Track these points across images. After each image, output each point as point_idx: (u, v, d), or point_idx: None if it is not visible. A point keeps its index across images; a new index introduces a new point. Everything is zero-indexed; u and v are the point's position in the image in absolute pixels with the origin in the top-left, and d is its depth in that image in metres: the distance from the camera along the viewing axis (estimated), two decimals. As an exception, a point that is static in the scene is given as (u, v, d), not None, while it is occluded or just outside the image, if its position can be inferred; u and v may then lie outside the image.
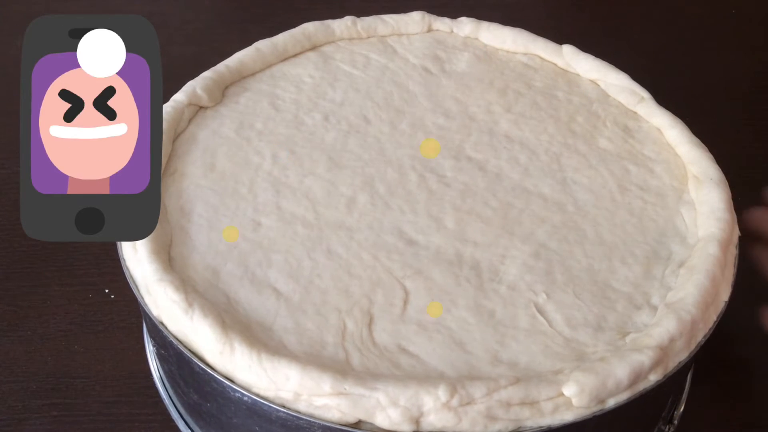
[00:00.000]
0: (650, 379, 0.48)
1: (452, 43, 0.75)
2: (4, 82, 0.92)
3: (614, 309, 0.52)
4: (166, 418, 0.61)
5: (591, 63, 0.71)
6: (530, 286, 0.53)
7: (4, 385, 0.65)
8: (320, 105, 0.67)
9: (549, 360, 0.49)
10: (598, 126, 0.66)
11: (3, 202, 0.81)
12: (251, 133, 0.64)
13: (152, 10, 1.08)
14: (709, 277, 0.52)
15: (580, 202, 0.60)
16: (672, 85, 0.85)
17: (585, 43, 0.74)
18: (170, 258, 0.53)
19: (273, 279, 0.53)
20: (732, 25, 1.12)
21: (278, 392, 0.46)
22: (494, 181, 0.61)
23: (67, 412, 0.63)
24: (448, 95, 0.69)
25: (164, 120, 0.61)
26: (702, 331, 0.51)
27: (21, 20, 0.54)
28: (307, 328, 0.50)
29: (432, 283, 0.53)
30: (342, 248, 0.55)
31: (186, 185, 0.59)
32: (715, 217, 0.57)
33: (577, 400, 0.46)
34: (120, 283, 0.69)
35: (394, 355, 0.49)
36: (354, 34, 0.75)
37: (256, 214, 0.57)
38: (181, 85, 0.65)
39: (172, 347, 0.50)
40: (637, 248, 0.56)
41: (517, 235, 0.57)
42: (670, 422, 0.61)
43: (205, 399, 0.52)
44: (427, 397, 0.45)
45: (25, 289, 0.72)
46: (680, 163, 0.63)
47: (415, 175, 0.61)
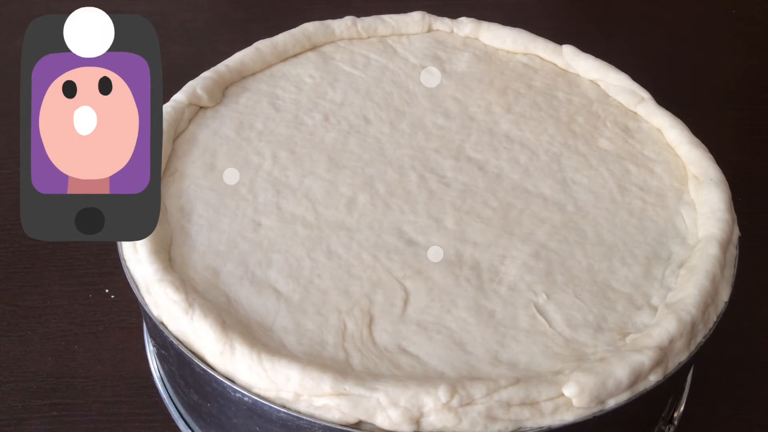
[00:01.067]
0: (650, 379, 0.48)
1: (452, 43, 0.75)
2: (4, 82, 0.92)
3: (614, 309, 0.52)
4: (166, 418, 0.61)
5: (591, 63, 0.71)
6: (530, 287, 0.53)
7: (4, 385, 0.65)
8: (320, 105, 0.67)
9: (549, 360, 0.49)
10: (599, 126, 0.66)
11: (3, 202, 0.81)
12: (251, 133, 0.64)
13: (152, 10, 1.08)
14: (709, 277, 0.52)
15: (580, 203, 0.60)
16: (672, 85, 0.85)
17: (585, 43, 0.74)
18: (170, 258, 0.53)
19: (273, 279, 0.53)
20: (732, 25, 1.12)
21: (278, 392, 0.46)
22: (494, 182, 0.61)
23: (67, 412, 0.63)
24: (448, 95, 0.69)
25: (164, 120, 0.61)
26: (702, 331, 0.51)
27: (21, 20, 0.55)
28: (307, 328, 0.50)
29: (432, 283, 0.53)
30: (342, 248, 0.55)
31: (186, 185, 0.59)
32: (715, 218, 0.57)
33: (577, 401, 0.46)
34: (120, 283, 0.69)
35: (394, 355, 0.49)
36: (354, 34, 0.75)
37: (256, 214, 0.57)
38: (181, 85, 0.65)
39: (173, 347, 0.50)
40: (637, 248, 0.56)
41: (517, 235, 0.57)
42: (670, 422, 0.61)
43: (206, 399, 0.52)
44: (427, 398, 0.45)
45: (25, 289, 0.72)
46: (680, 164, 0.63)
47: (415, 176, 0.61)
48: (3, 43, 0.99)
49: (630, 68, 0.71)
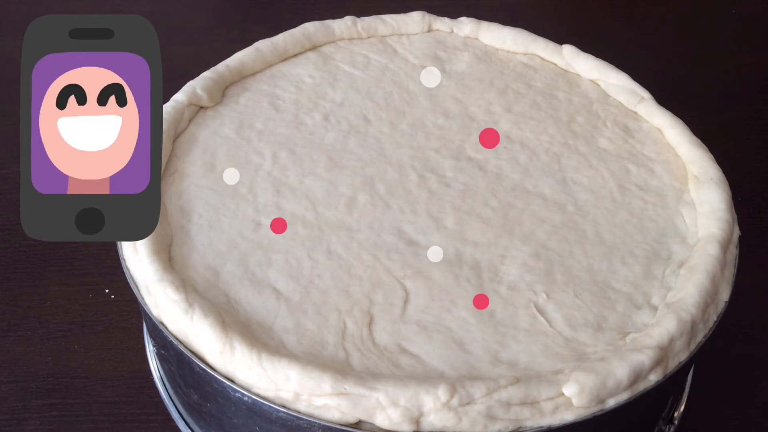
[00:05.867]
0: (650, 379, 0.48)
1: (452, 43, 0.75)
2: (4, 82, 0.92)
3: (614, 309, 0.52)
4: (166, 418, 0.61)
5: (591, 63, 0.71)
6: (530, 286, 0.53)
7: (4, 385, 0.65)
8: (320, 105, 0.67)
9: (549, 360, 0.49)
10: (599, 126, 0.66)
11: (3, 202, 0.81)
12: (251, 133, 0.64)
13: (152, 10, 1.08)
14: (709, 277, 0.52)
15: (580, 202, 0.60)
16: (672, 85, 0.85)
17: (585, 43, 0.74)
18: (170, 258, 0.54)
19: (273, 279, 0.53)
20: (732, 25, 1.12)
21: (278, 392, 0.46)
22: (494, 181, 0.61)
23: (67, 412, 0.63)
24: (448, 95, 0.69)
25: (164, 120, 0.61)
26: (702, 331, 0.51)
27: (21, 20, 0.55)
28: (307, 328, 0.50)
29: (432, 283, 0.53)
30: (342, 248, 0.55)
31: (186, 185, 0.59)
32: (715, 217, 0.57)
33: (577, 400, 0.46)
34: (120, 283, 0.69)
35: (394, 355, 0.49)
36: (354, 34, 0.75)
37: (256, 214, 0.57)
38: (181, 85, 0.65)
39: (173, 347, 0.50)
40: (637, 248, 0.56)
41: (517, 235, 0.57)
42: (670, 422, 0.61)
43: (206, 399, 0.52)
44: (427, 397, 0.45)
45: (25, 289, 0.72)
46: (680, 163, 0.63)
47: (415, 175, 0.61)
48: (3, 43, 0.99)
49: (630, 68, 0.71)
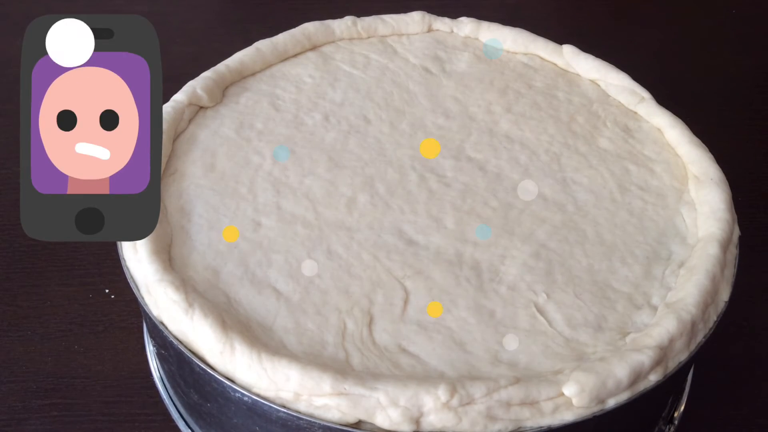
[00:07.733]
0: (650, 379, 0.48)
1: (452, 43, 0.75)
2: (4, 82, 0.92)
3: (614, 309, 0.52)
4: (166, 418, 0.61)
5: (591, 63, 0.71)
6: (530, 286, 0.53)
7: (4, 385, 0.65)
8: (320, 105, 0.67)
9: (549, 360, 0.49)
10: (599, 126, 0.66)
11: (3, 202, 0.81)
12: (251, 133, 0.64)
13: (152, 10, 1.08)
14: (709, 277, 0.52)
15: (580, 203, 0.60)
16: (672, 85, 0.85)
17: (585, 43, 0.74)
18: (170, 258, 0.54)
19: (273, 279, 0.53)
20: (732, 25, 1.12)
21: (278, 392, 0.46)
22: (494, 181, 0.61)
23: (67, 412, 0.63)
24: (448, 95, 0.69)
25: (164, 120, 0.61)
26: (702, 331, 0.51)
27: (21, 20, 0.54)
28: (307, 328, 0.50)
29: (432, 283, 0.53)
30: (342, 248, 0.55)
31: (186, 185, 0.59)
32: (715, 218, 0.57)
33: (578, 400, 0.46)
34: (120, 283, 0.69)
35: (394, 355, 0.49)
36: (354, 34, 0.75)
37: (256, 214, 0.57)
38: (181, 85, 0.65)
39: (173, 347, 0.50)
40: (637, 248, 0.56)
41: (517, 235, 0.57)
42: (670, 422, 0.61)
43: (206, 399, 0.52)
44: (427, 397, 0.45)
45: (25, 289, 0.72)
46: (680, 163, 0.63)
47: (415, 175, 0.61)
48: (3, 43, 0.99)
49: (630, 68, 0.71)
